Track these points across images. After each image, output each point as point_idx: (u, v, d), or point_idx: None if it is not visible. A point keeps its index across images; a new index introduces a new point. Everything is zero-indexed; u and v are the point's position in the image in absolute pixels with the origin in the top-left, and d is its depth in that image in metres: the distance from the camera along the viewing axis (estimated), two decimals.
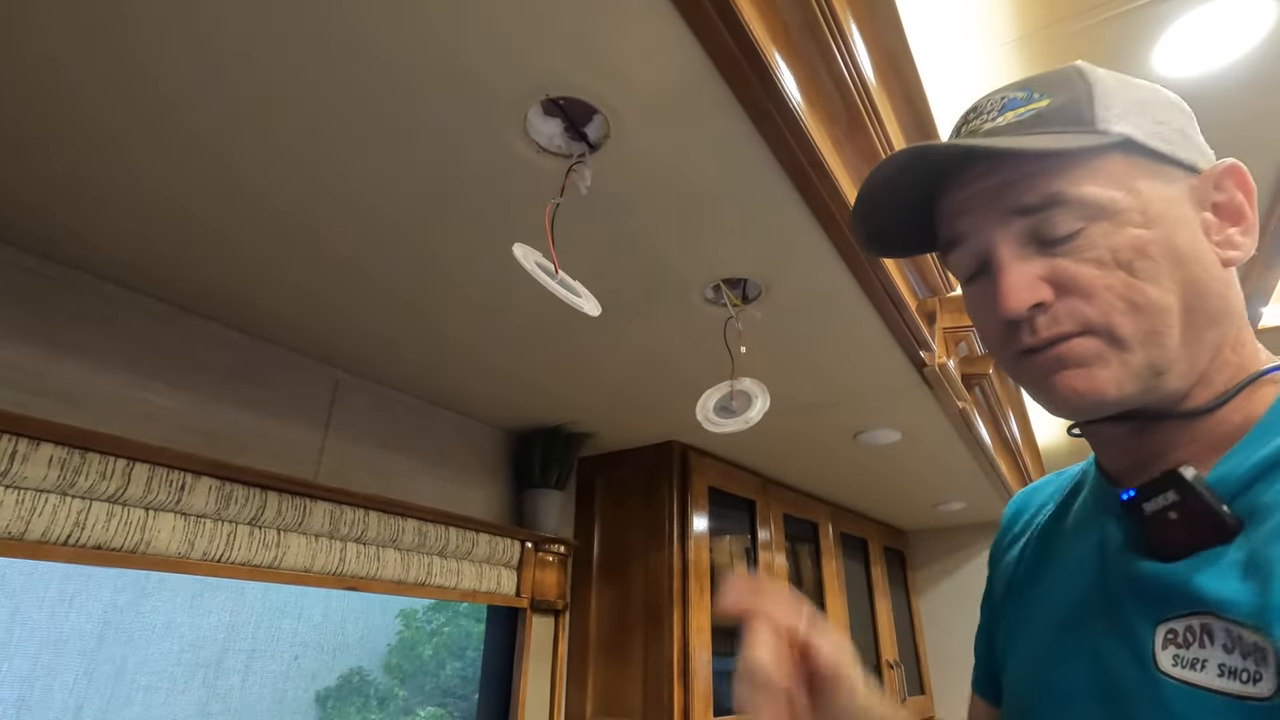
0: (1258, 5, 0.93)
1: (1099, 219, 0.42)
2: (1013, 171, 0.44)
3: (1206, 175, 0.45)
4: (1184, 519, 0.40)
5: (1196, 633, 0.38)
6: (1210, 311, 0.43)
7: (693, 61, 0.69)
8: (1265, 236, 1.41)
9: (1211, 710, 0.36)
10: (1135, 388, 0.42)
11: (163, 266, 1.04)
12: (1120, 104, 0.44)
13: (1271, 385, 0.43)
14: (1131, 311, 0.41)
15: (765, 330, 1.21)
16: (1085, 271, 0.42)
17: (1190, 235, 0.43)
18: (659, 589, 1.73)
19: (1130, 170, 0.43)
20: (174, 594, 1.17)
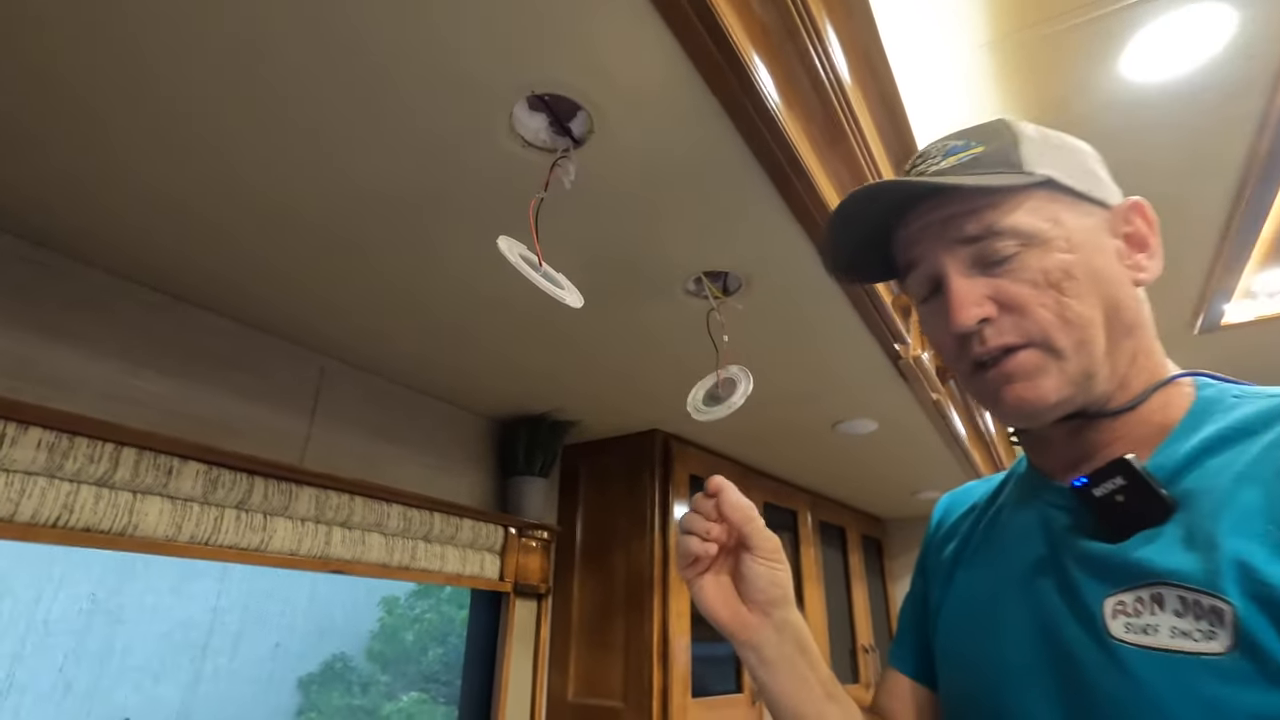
0: (1219, 14, 0.97)
1: (1031, 245, 0.49)
2: (957, 206, 0.51)
3: (1116, 210, 0.53)
4: (1130, 501, 0.46)
5: (1146, 602, 0.43)
6: (1126, 324, 0.50)
7: (673, 62, 0.71)
8: (1226, 239, 1.46)
9: (1165, 667, 0.41)
10: (1072, 392, 0.49)
11: (158, 256, 1.05)
12: (1041, 151, 0.52)
13: (1180, 388, 0.51)
14: (1063, 325, 0.48)
15: (746, 322, 1.24)
16: (1022, 290, 0.49)
17: (1106, 260, 0.51)
18: (640, 575, 1.77)
19: (1054, 205, 0.50)
20: (161, 577, 1.18)
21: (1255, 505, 0.42)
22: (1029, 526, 0.54)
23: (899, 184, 0.52)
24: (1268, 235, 1.50)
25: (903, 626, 0.69)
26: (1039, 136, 0.53)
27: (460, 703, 1.61)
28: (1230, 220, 1.41)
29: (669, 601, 1.74)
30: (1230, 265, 1.56)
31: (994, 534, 0.60)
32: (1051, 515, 0.52)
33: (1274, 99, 1.11)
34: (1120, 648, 0.43)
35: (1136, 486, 0.46)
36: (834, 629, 2.57)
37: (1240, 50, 1.02)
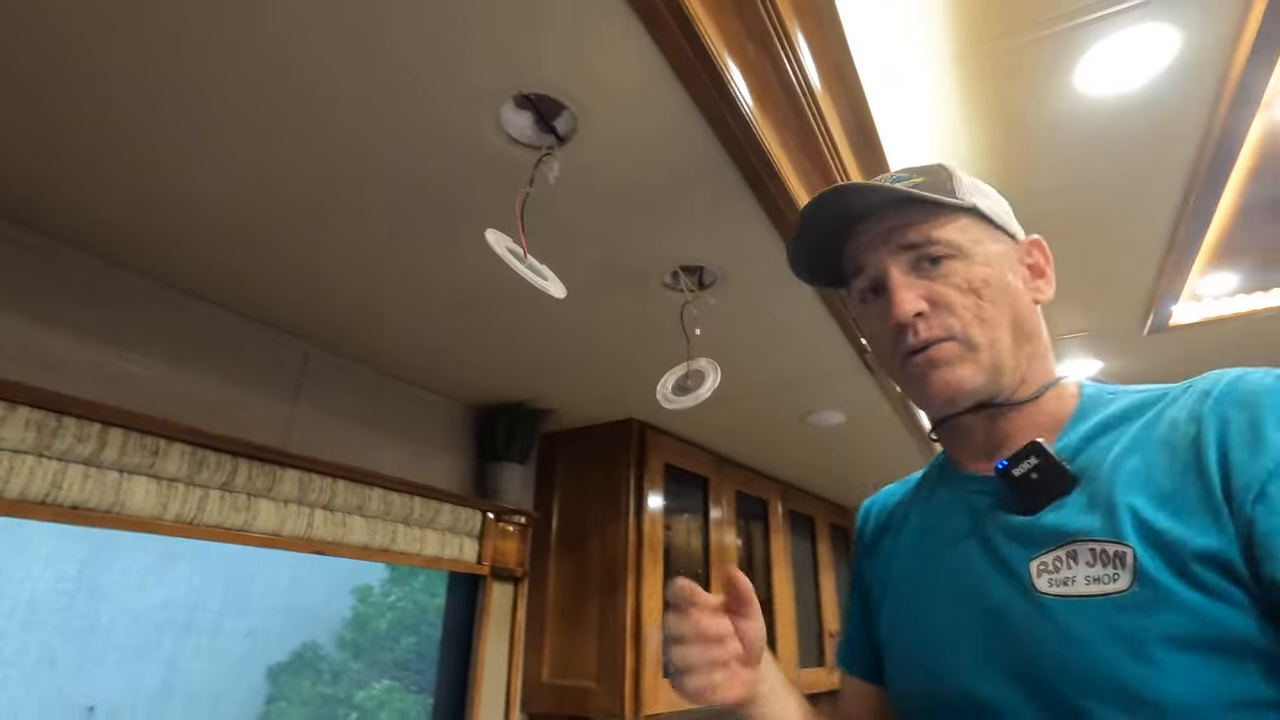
0: (1163, 34, 1.04)
1: (958, 257, 0.60)
2: (899, 220, 0.61)
3: (1021, 244, 0.65)
4: (1042, 477, 0.55)
5: (1063, 559, 0.51)
6: (1026, 331, 0.61)
7: (654, 67, 0.76)
8: (1173, 243, 1.54)
9: (1083, 610, 0.49)
10: (984, 380, 0.59)
11: (147, 242, 1.07)
12: (970, 188, 0.64)
13: (1067, 387, 0.62)
14: (980, 324, 0.59)
15: (720, 315, 1.29)
16: (950, 293, 0.59)
17: (1014, 279, 0.62)
18: (614, 559, 1.82)
19: (977, 229, 0.62)
20: (145, 555, 1.20)
21: (1137, 470, 0.51)
22: (952, 511, 0.63)
23: (862, 186, 0.62)
24: (1211, 241, 1.59)
25: (850, 631, 0.76)
26: (968, 179, 0.65)
27: (436, 682, 1.65)
28: (1177, 226, 1.49)
29: (642, 585, 1.80)
30: (1177, 269, 1.65)
31: (919, 525, 0.68)
32: (973, 499, 0.61)
33: (1214, 115, 1.18)
34: (1046, 599, 0.51)
35: (1047, 465, 0.55)
36: (801, 615, 2.65)
37: (1183, 69, 1.09)
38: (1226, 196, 1.42)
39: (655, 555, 1.87)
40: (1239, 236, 1.58)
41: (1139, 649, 0.46)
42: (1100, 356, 2.19)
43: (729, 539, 2.26)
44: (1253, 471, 0.46)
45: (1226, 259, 1.67)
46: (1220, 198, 1.39)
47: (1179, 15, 1.01)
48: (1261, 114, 1.20)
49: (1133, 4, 0.99)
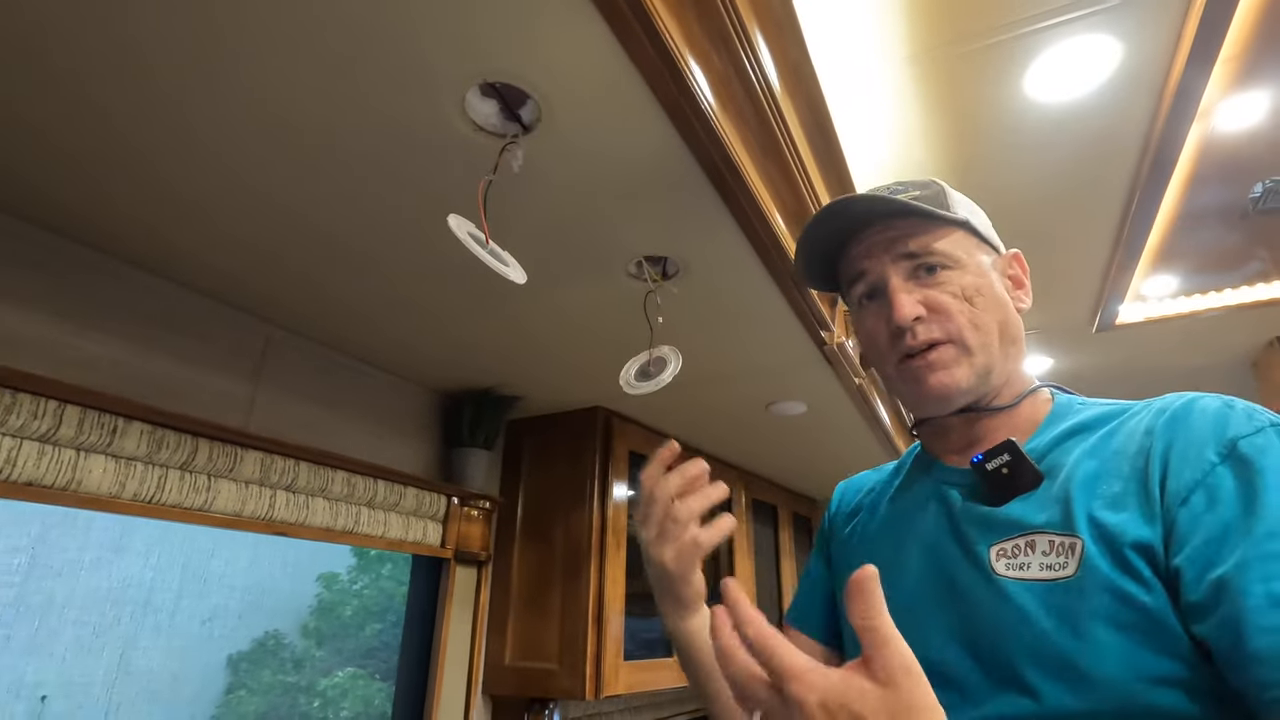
0: (1106, 45, 1.09)
1: (953, 267, 0.66)
2: (899, 230, 0.67)
3: (1004, 257, 0.72)
4: (1012, 472, 0.61)
5: (1022, 547, 0.57)
6: (1011, 338, 0.67)
7: (617, 62, 0.78)
8: (1118, 246, 1.62)
9: (1033, 591, 0.55)
10: (976, 382, 0.64)
11: (106, 219, 1.05)
12: (961, 203, 0.69)
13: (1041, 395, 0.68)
14: (974, 329, 0.64)
15: (683, 305, 1.32)
16: (946, 299, 0.65)
17: (1001, 289, 0.68)
18: (578, 544, 1.85)
19: (969, 243, 0.68)
20: (103, 533, 1.19)
21: (1094, 474, 0.57)
22: (926, 498, 0.69)
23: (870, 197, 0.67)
24: (1153, 245, 1.67)
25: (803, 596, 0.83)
26: (958, 195, 0.71)
27: (398, 665, 1.67)
28: (1121, 230, 1.56)
29: (605, 570, 1.83)
30: (1122, 270, 1.73)
31: (894, 507, 0.74)
32: (946, 489, 0.66)
33: (1154, 124, 1.24)
34: (1002, 580, 0.57)
35: (1018, 462, 0.60)
36: (762, 601, 2.72)
37: (1124, 79, 1.15)
38: (1166, 202, 1.49)
39: (619, 541, 1.91)
40: (1179, 241, 1.66)
41: (1077, 626, 0.51)
42: (1052, 353, 2.27)
43: None
44: (1184, 481, 0.51)
45: (1168, 262, 1.76)
46: (1160, 203, 1.46)
47: (1120, 27, 1.06)
48: (1198, 124, 1.27)
49: (1077, 14, 1.04)
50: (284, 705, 1.64)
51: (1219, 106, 1.25)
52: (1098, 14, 1.04)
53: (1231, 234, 1.65)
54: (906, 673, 0.39)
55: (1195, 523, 0.50)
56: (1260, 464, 0.49)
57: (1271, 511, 0.47)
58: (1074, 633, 0.51)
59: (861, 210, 0.68)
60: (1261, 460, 0.50)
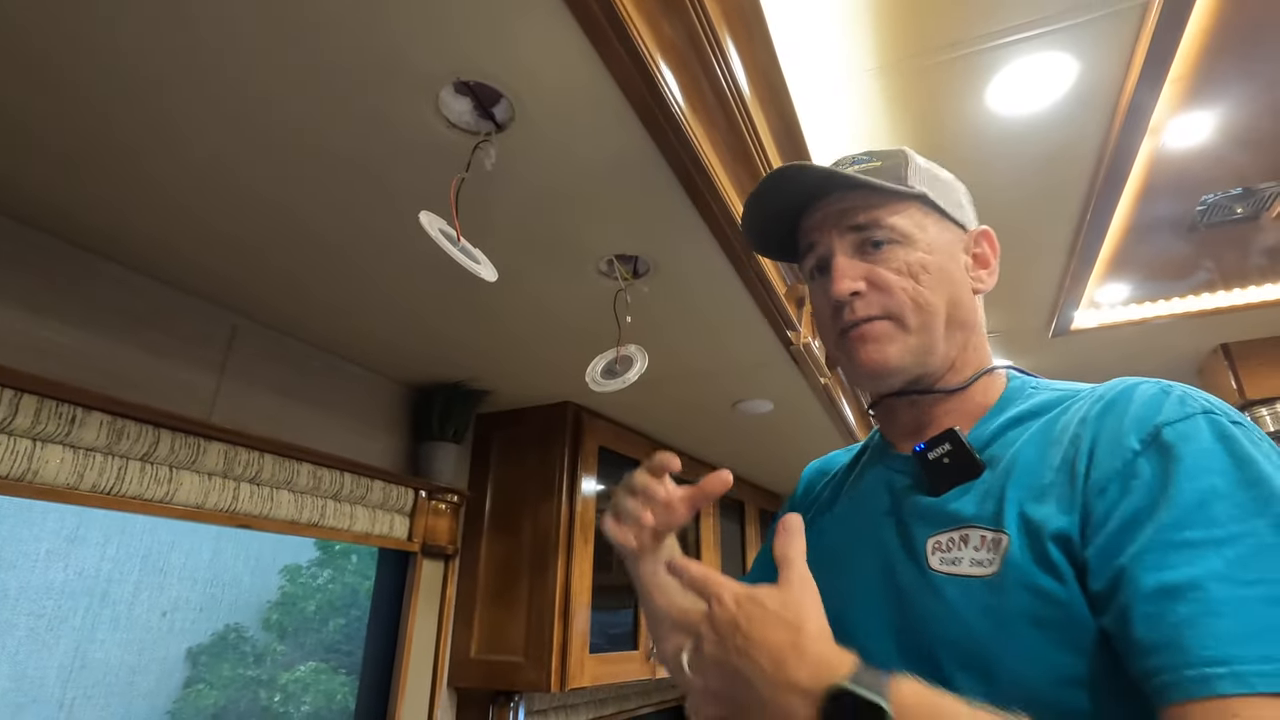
0: (1063, 62, 1.13)
1: (900, 242, 0.64)
2: (851, 202, 0.65)
3: (970, 234, 0.69)
4: (953, 463, 0.59)
5: (956, 541, 0.56)
6: (960, 319, 0.64)
7: (589, 64, 0.79)
8: (1074, 255, 1.68)
9: (962, 587, 0.53)
10: (910, 361, 0.63)
11: (68, 206, 1.03)
12: (923, 176, 0.67)
13: (998, 378, 0.66)
14: (915, 307, 0.62)
15: (653, 303, 1.34)
16: (888, 275, 0.63)
17: (956, 267, 0.66)
18: (546, 538, 1.86)
19: (924, 217, 0.66)
20: (59, 524, 1.17)
21: (1029, 465, 0.55)
22: (877, 486, 0.67)
23: (817, 168, 0.66)
24: (1106, 254, 1.73)
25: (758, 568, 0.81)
26: (925, 165, 0.68)
27: (364, 658, 1.66)
28: (1076, 239, 1.62)
29: (572, 564, 1.84)
30: (1077, 278, 1.79)
31: (851, 493, 0.72)
32: (894, 477, 0.65)
33: (1108, 138, 1.29)
34: (934, 575, 0.56)
35: (959, 452, 0.59)
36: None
37: (1080, 95, 1.19)
38: (1119, 214, 1.56)
39: (586, 536, 1.92)
40: (1130, 251, 1.73)
41: (1001, 625, 0.50)
42: (1010, 357, 2.34)
43: None
44: (1104, 470, 0.50)
45: (1120, 271, 1.83)
46: (1113, 215, 1.52)
47: (1077, 46, 1.10)
48: (1148, 140, 1.33)
49: (1037, 32, 1.08)
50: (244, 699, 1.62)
51: (1168, 124, 1.31)
52: (1056, 32, 1.08)
53: (1179, 245, 1.72)
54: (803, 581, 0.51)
55: (1108, 512, 0.48)
56: (1179, 451, 0.48)
57: (1180, 500, 0.46)
58: (997, 632, 0.50)
59: (811, 181, 0.66)
60: (1181, 447, 0.48)
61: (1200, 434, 0.48)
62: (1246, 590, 0.41)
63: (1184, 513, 0.45)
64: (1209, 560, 0.43)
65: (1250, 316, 2.01)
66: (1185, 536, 0.45)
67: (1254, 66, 1.18)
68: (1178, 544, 0.45)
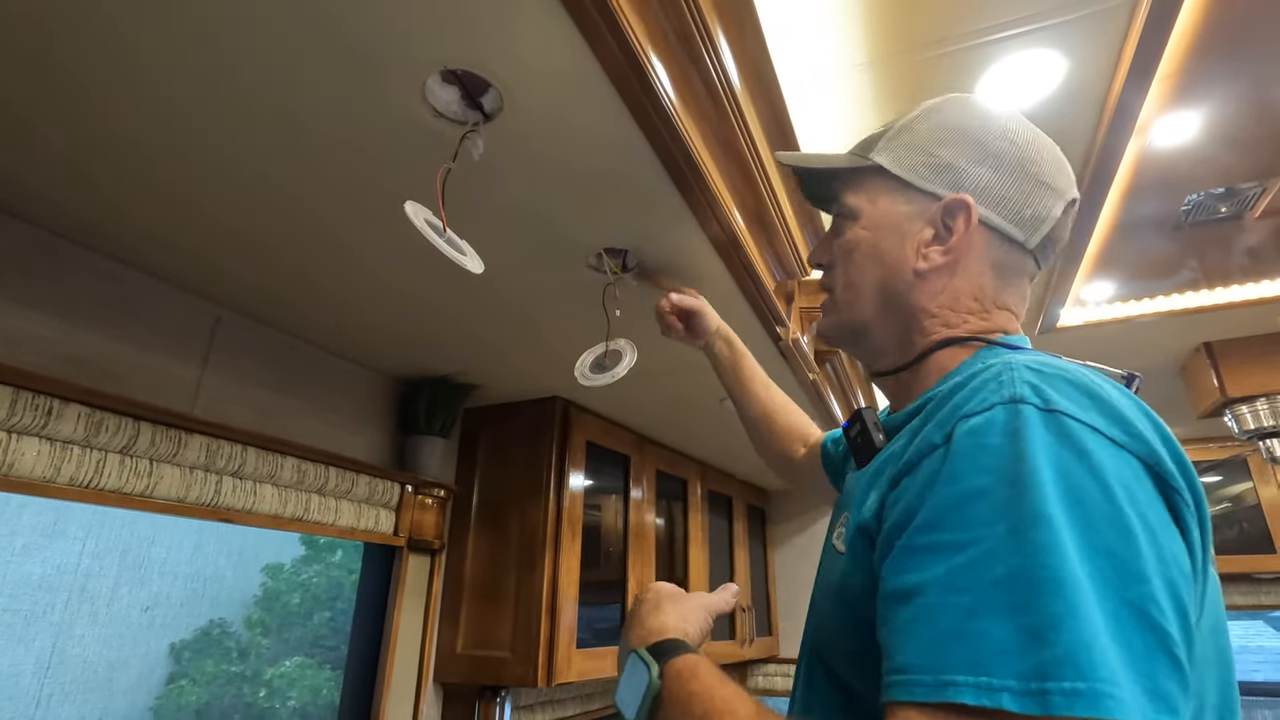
0: (1052, 59, 1.13)
1: (850, 218, 0.65)
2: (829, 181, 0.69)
3: (939, 204, 0.60)
4: (862, 442, 0.61)
5: (847, 520, 0.57)
6: (891, 300, 0.62)
7: (580, 57, 0.78)
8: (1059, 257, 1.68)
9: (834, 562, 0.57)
10: (842, 337, 0.67)
11: (43, 187, 1.01)
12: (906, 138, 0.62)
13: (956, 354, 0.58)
14: (844, 286, 0.66)
15: (642, 298, 1.33)
16: (836, 252, 0.67)
17: (894, 244, 0.61)
18: (534, 533, 1.85)
19: (877, 189, 0.64)
20: (36, 518, 1.15)
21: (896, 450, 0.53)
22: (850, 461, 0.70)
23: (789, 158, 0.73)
24: (1092, 252, 1.74)
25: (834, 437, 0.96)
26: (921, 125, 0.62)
27: (349, 653, 1.65)
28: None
29: (560, 559, 1.84)
30: (1063, 276, 1.80)
31: None
32: None
33: (1095, 136, 1.30)
34: (832, 550, 0.59)
35: (863, 432, 0.60)
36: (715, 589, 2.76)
37: (1068, 92, 1.20)
38: (1105, 212, 1.57)
39: (574, 531, 1.92)
40: (1116, 249, 1.74)
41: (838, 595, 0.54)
42: None
43: (649, 516, 2.33)
44: (905, 462, 0.48)
45: (1105, 269, 1.84)
46: (1100, 212, 1.53)
47: (1066, 44, 1.10)
48: (1135, 139, 1.33)
49: (1026, 29, 1.08)
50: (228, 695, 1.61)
51: (1155, 123, 1.32)
52: (1045, 29, 1.08)
53: (1164, 244, 1.74)
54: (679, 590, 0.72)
55: (890, 510, 0.47)
56: (956, 448, 0.44)
57: (935, 502, 0.43)
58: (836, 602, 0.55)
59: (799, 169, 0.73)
60: (959, 444, 0.44)
61: (989, 428, 0.43)
62: (954, 598, 0.39)
63: (936, 515, 0.43)
64: (936, 566, 0.41)
65: (1232, 315, 2.04)
66: (929, 540, 0.42)
67: (1241, 65, 1.18)
68: (918, 548, 0.43)
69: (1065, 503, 0.39)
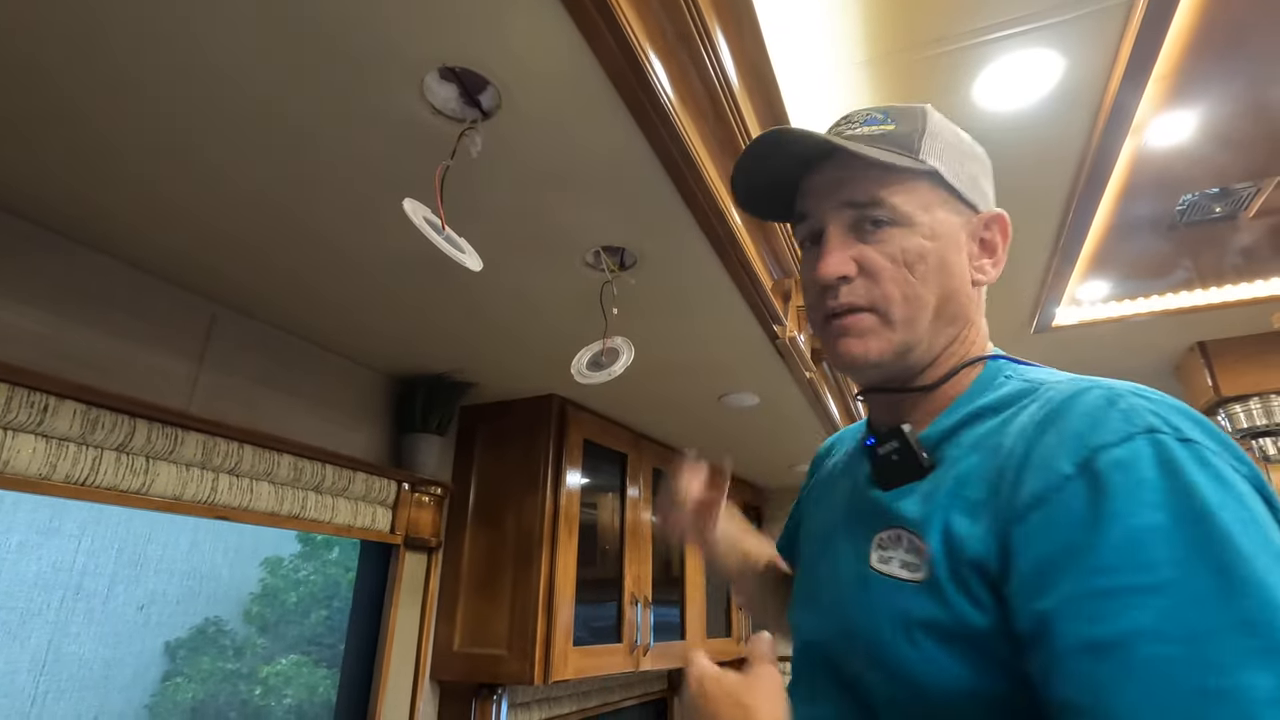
0: (1049, 59, 1.13)
1: (899, 224, 0.57)
2: (852, 171, 0.58)
3: (982, 217, 0.61)
4: (900, 460, 0.56)
5: (892, 540, 0.54)
6: (951, 314, 0.59)
7: (578, 55, 0.78)
8: (1056, 252, 1.69)
9: (887, 588, 0.52)
10: (891, 358, 0.58)
11: (41, 187, 1.01)
12: (940, 145, 0.59)
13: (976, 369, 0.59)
14: (903, 300, 0.57)
15: (640, 296, 1.33)
16: (881, 262, 0.57)
17: (957, 256, 0.59)
18: (530, 531, 1.85)
19: (931, 196, 0.58)
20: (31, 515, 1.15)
21: (967, 473, 0.51)
22: (850, 472, 0.66)
23: (808, 135, 0.59)
24: (1088, 252, 1.75)
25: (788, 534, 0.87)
26: (944, 132, 0.60)
27: (345, 651, 1.65)
28: (1059, 237, 1.64)
29: (556, 557, 1.84)
30: (1059, 275, 1.81)
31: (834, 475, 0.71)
32: (861, 467, 0.63)
33: (1091, 137, 1.30)
34: (870, 574, 0.54)
35: (905, 451, 0.56)
36: (710, 589, 2.77)
37: (1065, 92, 1.20)
38: (1101, 212, 1.57)
39: (571, 529, 1.92)
40: (1111, 249, 1.75)
41: (909, 632, 0.49)
42: None
43: (645, 514, 2.33)
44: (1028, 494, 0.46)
45: (1101, 269, 1.84)
46: (1095, 212, 1.53)
47: (1063, 44, 1.11)
48: (1131, 139, 1.34)
49: (1024, 29, 1.08)
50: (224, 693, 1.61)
51: (1151, 123, 1.32)
52: (1043, 29, 1.08)
53: (1159, 244, 1.74)
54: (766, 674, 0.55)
55: (1027, 546, 0.44)
56: (1111, 484, 0.42)
57: (1108, 542, 0.41)
58: (907, 639, 0.49)
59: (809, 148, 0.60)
60: (1114, 478, 0.42)
61: (1139, 460, 0.42)
62: (1173, 649, 0.37)
63: (1114, 555, 0.40)
64: (1137, 613, 0.39)
65: (1226, 315, 2.05)
66: (1114, 583, 0.40)
67: (1236, 66, 1.19)
68: (1105, 591, 0.40)
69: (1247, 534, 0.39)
